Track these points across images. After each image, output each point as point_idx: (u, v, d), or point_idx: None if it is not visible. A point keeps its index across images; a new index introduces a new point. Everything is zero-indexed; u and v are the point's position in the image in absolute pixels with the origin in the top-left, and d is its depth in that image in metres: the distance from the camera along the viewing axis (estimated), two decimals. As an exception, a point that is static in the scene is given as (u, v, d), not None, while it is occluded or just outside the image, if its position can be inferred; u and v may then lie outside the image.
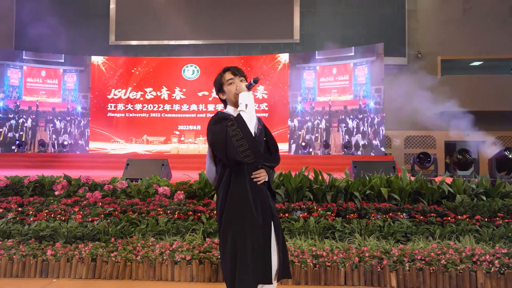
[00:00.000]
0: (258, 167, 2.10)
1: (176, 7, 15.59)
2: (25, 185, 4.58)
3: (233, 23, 15.39)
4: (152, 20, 15.65)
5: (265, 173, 2.12)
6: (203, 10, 15.52)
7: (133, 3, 15.99)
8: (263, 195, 2.11)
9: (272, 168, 2.23)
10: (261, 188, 2.11)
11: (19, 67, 14.49)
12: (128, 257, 3.14)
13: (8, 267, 3.16)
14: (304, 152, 13.62)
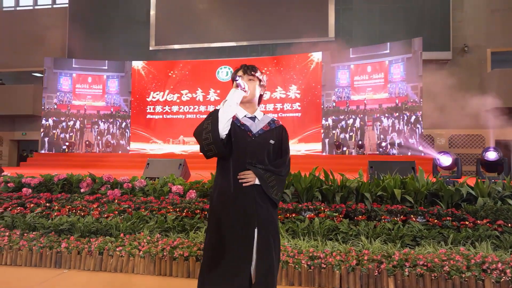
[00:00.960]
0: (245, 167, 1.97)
1: (211, 11, 15.98)
2: (55, 182, 4.97)
3: (267, 23, 15.44)
4: (189, 24, 16.17)
5: (253, 175, 1.95)
6: (238, 12, 15.76)
7: (172, 9, 16.61)
8: (248, 200, 1.95)
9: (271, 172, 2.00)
10: (247, 192, 1.95)
11: (69, 74, 15.69)
12: (131, 252, 3.31)
13: (28, 257, 3.47)
14: (338, 152, 13.32)
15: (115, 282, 3.06)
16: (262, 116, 2.17)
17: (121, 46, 16.46)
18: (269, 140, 2.05)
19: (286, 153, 2.11)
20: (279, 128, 2.14)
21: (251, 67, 2.11)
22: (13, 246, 3.53)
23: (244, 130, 2.03)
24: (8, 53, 19.22)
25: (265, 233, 1.95)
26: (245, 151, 2.00)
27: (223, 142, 1.93)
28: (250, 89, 2.07)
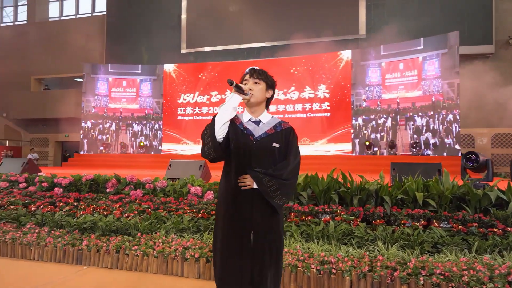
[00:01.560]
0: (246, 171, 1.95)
1: (241, 12, 16.14)
2: (83, 182, 5.22)
3: (296, 23, 15.34)
4: (219, 26, 16.42)
5: (250, 179, 1.92)
6: (267, 12, 15.79)
7: (202, 12, 16.95)
8: (245, 204, 1.94)
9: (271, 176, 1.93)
10: (245, 196, 1.94)
11: (106, 79, 16.45)
12: (146, 252, 3.40)
13: (53, 253, 3.67)
14: (368, 152, 12.94)
15: (129, 280, 3.16)
16: (269, 119, 2.11)
17: (153, 50, 17.04)
18: (272, 143, 2.00)
19: (291, 156, 2.02)
20: (286, 130, 2.07)
21: (258, 70, 2.08)
22: (40, 243, 3.74)
23: (246, 134, 2.02)
24: (52, 60, 20.52)
25: (260, 238, 1.93)
26: (246, 155, 1.97)
27: (221, 146, 1.94)
28: (255, 92, 2.03)
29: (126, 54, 17.46)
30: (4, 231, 4.03)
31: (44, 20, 22.40)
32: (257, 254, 1.93)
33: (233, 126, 2.03)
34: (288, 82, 14.77)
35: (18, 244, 3.81)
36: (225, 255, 1.96)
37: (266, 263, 1.94)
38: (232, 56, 16.39)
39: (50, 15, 22.81)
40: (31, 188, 5.40)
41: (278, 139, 2.02)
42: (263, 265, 1.93)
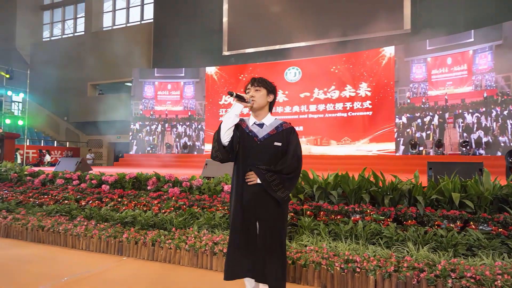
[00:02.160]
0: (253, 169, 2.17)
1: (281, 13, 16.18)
2: (126, 180, 5.61)
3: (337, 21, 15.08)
4: (259, 28, 16.61)
5: (254, 175, 2.14)
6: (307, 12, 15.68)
7: (243, 15, 17.25)
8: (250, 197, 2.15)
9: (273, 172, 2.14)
10: (254, 190, 2.15)
11: (152, 82, 17.33)
12: (179, 245, 3.61)
13: (98, 244, 4.01)
14: (413, 152, 12.38)
15: (162, 271, 3.38)
16: (272, 121, 2.31)
17: (196, 54, 17.62)
18: (274, 142, 2.20)
19: (290, 153, 2.19)
20: (287, 130, 2.27)
21: (258, 79, 2.32)
22: (87, 234, 4.11)
23: (251, 136, 2.24)
24: (106, 66, 22.00)
25: (264, 226, 2.14)
26: (251, 154, 2.20)
27: (225, 149, 2.17)
28: (257, 99, 2.24)
29: (171, 59, 18.26)
30: (58, 223, 4.47)
31: (98, 30, 24.07)
32: (261, 241, 2.13)
33: (239, 129, 2.26)
34: (328, 81, 14.57)
35: (69, 235, 4.21)
36: (234, 243, 2.18)
37: (271, 251, 2.13)
38: (272, 56, 16.49)
39: (104, 25, 24.47)
40: (83, 185, 5.89)
41: (280, 138, 2.22)
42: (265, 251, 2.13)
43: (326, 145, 14.42)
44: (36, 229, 4.45)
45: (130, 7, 23.82)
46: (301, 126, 14.92)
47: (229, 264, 2.18)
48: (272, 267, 2.12)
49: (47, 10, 26.93)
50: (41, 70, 24.01)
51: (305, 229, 3.76)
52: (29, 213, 5.06)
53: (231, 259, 2.18)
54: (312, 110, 14.86)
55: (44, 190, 5.88)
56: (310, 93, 14.82)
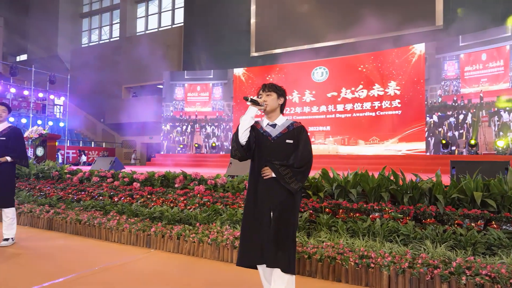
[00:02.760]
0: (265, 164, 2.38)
1: (309, 13, 16.18)
2: (155, 178, 5.92)
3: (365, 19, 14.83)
4: (286, 29, 16.69)
5: (269, 170, 2.35)
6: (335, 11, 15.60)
7: (270, 16, 17.41)
8: (269, 189, 2.35)
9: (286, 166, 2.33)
10: (268, 183, 2.36)
11: (182, 84, 17.87)
12: (202, 239, 3.82)
13: (128, 237, 4.31)
14: (445, 152, 12.00)
15: (186, 263, 3.60)
16: (284, 121, 2.51)
17: (225, 55, 17.98)
18: (286, 140, 2.42)
19: (300, 148, 2.38)
20: (297, 129, 2.46)
21: (268, 84, 2.54)
22: (119, 228, 4.42)
23: (265, 135, 2.46)
24: (139, 69, 22.90)
25: (278, 214, 2.33)
26: (265, 152, 2.42)
27: (243, 148, 2.40)
28: (269, 102, 2.45)
29: (200, 61, 18.73)
30: (93, 217, 4.82)
31: (132, 35, 25.09)
32: (275, 228, 2.31)
33: (255, 130, 2.47)
34: (355, 80, 14.41)
35: (103, 228, 4.55)
36: (246, 231, 2.39)
37: (283, 238, 2.31)
38: (299, 57, 16.51)
39: (138, 30, 25.48)
40: (116, 182, 6.27)
41: (291, 136, 2.43)
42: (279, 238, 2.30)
43: (354, 145, 14.26)
44: (74, 223, 4.84)
45: (161, 12, 24.65)
46: (328, 126, 14.85)
47: (242, 251, 2.38)
48: (284, 252, 2.29)
49: (86, 18, 28.42)
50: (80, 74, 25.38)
51: (323, 226, 3.86)
52: (68, 208, 5.48)
53: (244, 246, 2.38)
54: (340, 109, 14.74)
55: (81, 187, 6.32)
56: (338, 92, 14.72)
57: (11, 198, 4.31)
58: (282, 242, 2.31)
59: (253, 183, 2.43)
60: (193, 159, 15.50)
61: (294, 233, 2.37)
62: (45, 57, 27.53)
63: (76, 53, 27.52)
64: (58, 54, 27.42)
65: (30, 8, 29.49)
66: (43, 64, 26.08)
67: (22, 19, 30.06)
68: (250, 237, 2.36)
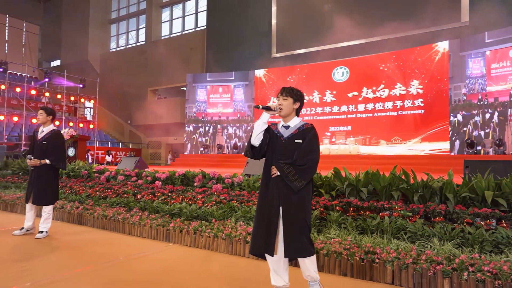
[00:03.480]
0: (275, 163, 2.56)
1: (330, 13, 16.17)
2: (176, 177, 6.21)
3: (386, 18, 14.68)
4: (308, 29, 16.75)
5: (275, 169, 2.52)
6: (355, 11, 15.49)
7: (291, 17, 17.50)
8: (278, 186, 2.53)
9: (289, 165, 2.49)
10: (277, 180, 2.53)
11: (204, 86, 18.27)
12: (217, 234, 4.03)
13: (149, 231, 4.59)
14: (470, 151, 11.69)
15: (202, 256, 3.82)
16: (297, 123, 2.68)
17: (246, 57, 18.24)
18: (295, 140, 2.59)
19: (305, 147, 2.54)
20: (306, 129, 2.63)
21: (286, 89, 2.70)
22: (141, 223, 4.71)
23: (278, 136, 2.65)
24: (164, 72, 23.59)
25: (288, 209, 2.50)
26: (277, 151, 2.60)
27: (255, 149, 2.61)
28: (284, 107, 2.62)
29: (223, 63, 19.09)
30: (118, 213, 5.15)
31: (157, 39, 25.86)
32: (286, 222, 2.49)
33: (270, 131, 2.67)
34: (377, 80, 14.26)
35: (127, 223, 4.86)
36: (257, 224, 2.58)
37: (294, 229, 2.48)
38: (320, 56, 16.52)
39: (162, 34, 26.22)
40: (140, 181, 6.62)
41: (300, 136, 2.60)
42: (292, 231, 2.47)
43: (375, 144, 14.13)
44: (100, 218, 5.19)
45: (185, 15, 25.26)
46: (349, 126, 14.77)
47: (252, 240, 2.58)
48: (297, 243, 2.46)
49: (114, 24, 29.53)
50: (108, 78, 26.42)
51: (333, 223, 3.98)
52: (95, 204, 5.86)
53: (254, 237, 2.57)
54: (361, 109, 14.64)
55: (108, 185, 6.71)
56: (359, 92, 14.63)
57: (50, 197, 4.70)
58: (294, 235, 2.47)
59: (264, 180, 2.62)
60: (215, 159, 15.84)
61: (305, 224, 2.51)
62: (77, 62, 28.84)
63: (104, 58, 28.65)
64: (88, 59, 28.63)
65: (63, 17, 30.96)
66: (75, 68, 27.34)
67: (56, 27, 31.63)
68: (259, 229, 2.54)
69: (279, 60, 17.91)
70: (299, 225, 2.49)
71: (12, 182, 8.33)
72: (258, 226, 2.56)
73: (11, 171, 9.18)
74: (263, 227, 2.52)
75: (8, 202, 6.82)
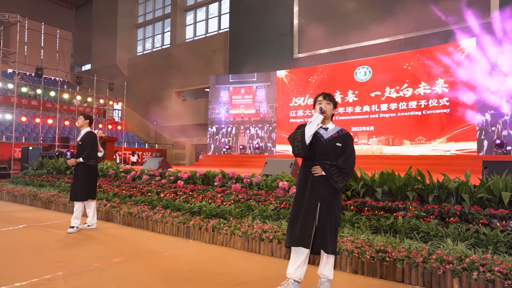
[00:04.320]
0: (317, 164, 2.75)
1: (352, 12, 16.01)
2: (197, 177, 6.44)
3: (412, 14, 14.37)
4: (330, 28, 16.64)
5: (320, 169, 2.72)
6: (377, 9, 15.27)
7: (313, 16, 17.44)
8: (318, 184, 2.72)
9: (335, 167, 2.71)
10: (318, 179, 2.73)
11: (227, 88, 18.57)
12: (234, 232, 4.20)
13: (171, 228, 4.82)
14: (499, 152, 11.30)
15: (219, 252, 4.00)
16: (334, 127, 2.91)
17: (268, 58, 18.37)
18: (336, 143, 2.80)
19: (349, 154, 2.78)
20: (346, 135, 2.87)
21: (329, 95, 2.90)
22: (163, 220, 4.96)
23: (318, 136, 2.83)
24: (188, 74, 24.13)
25: (324, 206, 2.71)
26: (317, 150, 2.79)
27: (308, 148, 2.77)
28: (328, 111, 2.84)
29: (245, 64, 19.30)
30: (142, 211, 5.43)
31: (182, 42, 26.46)
32: (322, 218, 2.69)
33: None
34: (400, 79, 14.01)
35: (150, 220, 5.12)
36: (294, 219, 2.74)
37: (327, 225, 2.68)
38: (342, 56, 16.39)
39: (187, 37, 26.81)
40: (163, 180, 6.90)
41: (341, 140, 2.83)
42: (325, 226, 2.68)
43: (398, 145, 13.89)
44: (126, 215, 5.49)
45: (208, 18, 25.72)
46: (372, 126, 14.60)
47: (291, 234, 2.72)
48: (333, 238, 2.66)
49: (140, 28, 30.46)
50: (135, 81, 27.30)
51: (346, 222, 4.06)
52: (122, 202, 6.18)
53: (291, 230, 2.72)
54: (384, 109, 14.43)
55: (133, 184, 7.04)
56: (381, 92, 14.43)
57: (82, 193, 5.03)
58: (329, 230, 2.67)
59: (304, 178, 2.80)
60: (237, 160, 16.08)
61: (337, 223, 2.74)
62: (105, 66, 29.98)
63: (132, 62, 29.60)
64: (116, 63, 29.69)
65: (93, 22, 32.27)
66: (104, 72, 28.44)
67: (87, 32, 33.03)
68: (297, 223, 2.70)
69: (301, 60, 17.91)
70: (332, 223, 2.69)
71: (47, 181, 8.86)
72: (296, 220, 2.72)
73: (46, 170, 9.75)
74: (302, 221, 2.68)
75: (44, 200, 7.29)
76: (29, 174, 10.09)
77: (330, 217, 2.69)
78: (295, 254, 2.71)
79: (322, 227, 2.68)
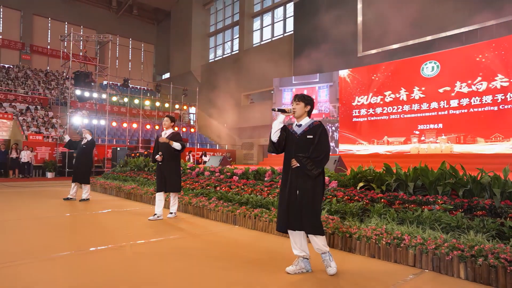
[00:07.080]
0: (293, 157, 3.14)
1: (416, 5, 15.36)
2: (249, 172, 7.10)
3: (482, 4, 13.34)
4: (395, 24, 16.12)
5: (295, 161, 3.08)
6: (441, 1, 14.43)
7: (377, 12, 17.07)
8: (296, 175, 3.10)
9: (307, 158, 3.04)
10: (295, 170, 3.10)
11: (290, 89, 19.06)
12: (272, 219, 4.74)
13: (221, 216, 5.54)
14: None
15: (259, 236, 4.58)
16: (308, 122, 3.25)
17: (331, 58, 18.42)
18: (307, 136, 3.12)
19: (318, 142, 3.07)
20: (316, 126, 3.16)
21: (298, 96, 3.26)
22: (215, 209, 5.70)
23: (292, 133, 3.24)
24: (256, 78, 25.19)
25: (303, 193, 3.08)
26: (293, 146, 3.18)
27: (275, 144, 3.24)
28: (296, 110, 3.22)
29: (309, 65, 19.60)
30: (200, 201, 6.26)
31: (249, 47, 27.69)
32: (301, 204, 3.07)
33: (286, 130, 3.27)
34: (472, 72, 13.04)
35: (205, 209, 5.91)
36: (280, 206, 3.21)
37: (306, 209, 3.05)
38: (409, 51, 15.77)
39: (254, 42, 27.97)
40: (221, 176, 7.71)
41: (311, 132, 3.14)
42: (305, 210, 3.05)
43: (471, 143, 12.94)
44: (186, 204, 6.37)
45: (274, 22, 26.51)
46: (441, 123, 13.82)
47: (278, 219, 3.19)
48: (308, 219, 3.02)
49: (212, 36, 32.55)
50: (207, 86, 29.31)
51: (374, 213, 4.32)
52: (185, 194, 7.11)
53: (278, 216, 3.19)
54: (454, 105, 13.56)
55: (196, 180, 7.98)
56: (451, 87, 13.58)
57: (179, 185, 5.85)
58: (306, 213, 3.05)
59: (285, 171, 3.23)
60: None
61: (316, 207, 3.06)
62: (182, 74, 32.66)
63: (204, 68, 31.78)
64: (191, 70, 32.15)
65: (171, 34, 35.37)
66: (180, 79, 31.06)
67: (166, 44, 36.34)
68: (282, 210, 3.16)
69: (364, 58, 17.62)
70: (311, 208, 3.04)
71: (130, 176, 10.35)
72: (281, 208, 3.17)
73: (129, 167, 11.35)
74: (285, 209, 3.11)
75: (126, 192, 8.64)
76: (117, 170, 11.82)
77: (308, 202, 3.01)
78: (290, 236, 3.16)
79: (302, 211, 3.02)
